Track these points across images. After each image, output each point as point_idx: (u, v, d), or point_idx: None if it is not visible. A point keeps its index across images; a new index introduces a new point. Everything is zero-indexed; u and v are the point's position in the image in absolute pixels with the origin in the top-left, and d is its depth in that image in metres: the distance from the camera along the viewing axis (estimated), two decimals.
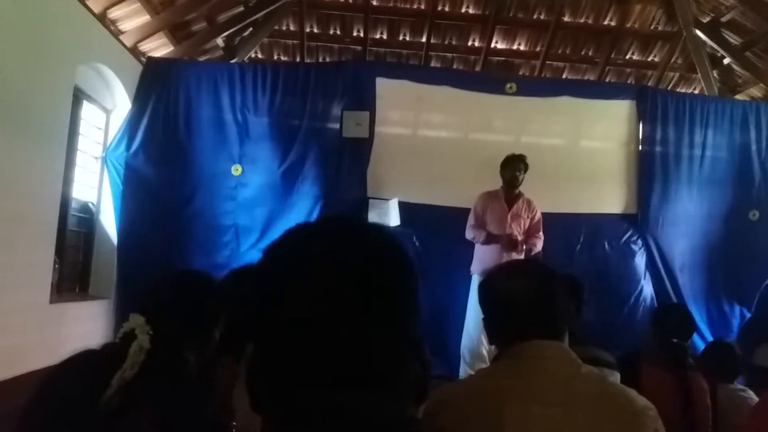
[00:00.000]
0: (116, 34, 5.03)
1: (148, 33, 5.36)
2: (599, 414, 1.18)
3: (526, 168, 4.69)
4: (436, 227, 5.03)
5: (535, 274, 1.39)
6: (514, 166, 4.69)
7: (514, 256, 4.55)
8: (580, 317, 2.23)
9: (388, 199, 5.21)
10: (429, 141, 5.62)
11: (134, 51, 5.31)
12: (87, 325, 4.49)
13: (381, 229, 0.74)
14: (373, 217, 5.15)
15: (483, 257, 4.63)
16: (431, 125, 5.75)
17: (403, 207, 5.14)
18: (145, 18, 5.25)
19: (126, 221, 4.98)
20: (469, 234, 4.75)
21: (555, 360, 1.26)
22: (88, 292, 4.90)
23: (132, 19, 5.19)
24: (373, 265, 0.68)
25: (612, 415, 1.19)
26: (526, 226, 4.73)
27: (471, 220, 4.79)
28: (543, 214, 4.94)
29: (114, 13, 4.96)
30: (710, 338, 4.70)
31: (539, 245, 4.72)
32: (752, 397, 2.73)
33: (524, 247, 4.62)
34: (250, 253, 4.96)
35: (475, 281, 4.66)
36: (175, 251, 4.94)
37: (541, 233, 4.75)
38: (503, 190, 4.79)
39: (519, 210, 4.72)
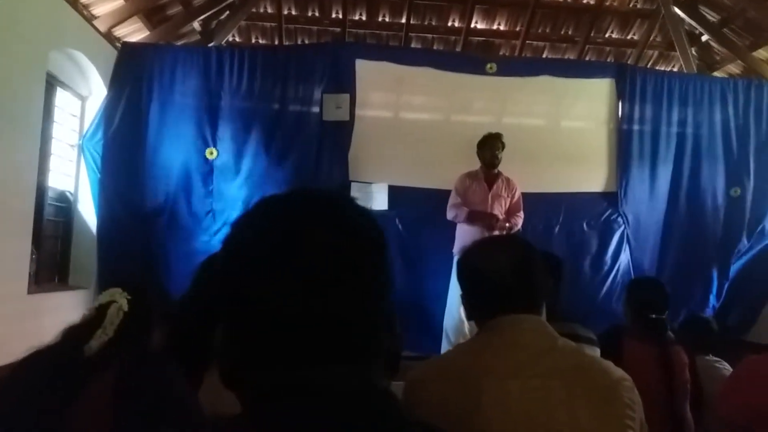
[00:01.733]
0: (89, 19, 4.93)
1: (122, 18, 5.26)
2: (576, 386, 1.19)
3: (503, 146, 4.70)
4: (419, 209, 5.03)
5: (511, 247, 1.38)
6: (492, 145, 4.69)
7: (493, 234, 4.56)
8: (559, 293, 2.25)
9: (370, 183, 5.19)
10: (410, 123, 5.60)
11: (108, 36, 5.22)
12: (67, 315, 4.34)
13: (350, 201, 0.73)
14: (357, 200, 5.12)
15: (464, 237, 4.64)
16: (412, 107, 5.72)
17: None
18: (118, 2, 5.14)
19: (105, 209, 4.92)
20: (450, 214, 4.75)
21: (532, 333, 1.26)
22: (68, 281, 4.84)
23: (105, 4, 5.08)
24: (344, 238, 0.67)
25: (588, 386, 1.20)
26: (507, 205, 4.75)
27: (452, 200, 4.78)
28: (524, 193, 4.95)
29: None
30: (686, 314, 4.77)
31: (520, 223, 4.75)
32: (727, 367, 2.79)
33: (507, 225, 4.63)
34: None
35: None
36: (155, 238, 4.91)
37: (521, 212, 4.76)
38: (482, 170, 4.79)
39: (499, 189, 4.74)
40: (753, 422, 1.35)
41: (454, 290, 4.63)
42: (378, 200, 5.13)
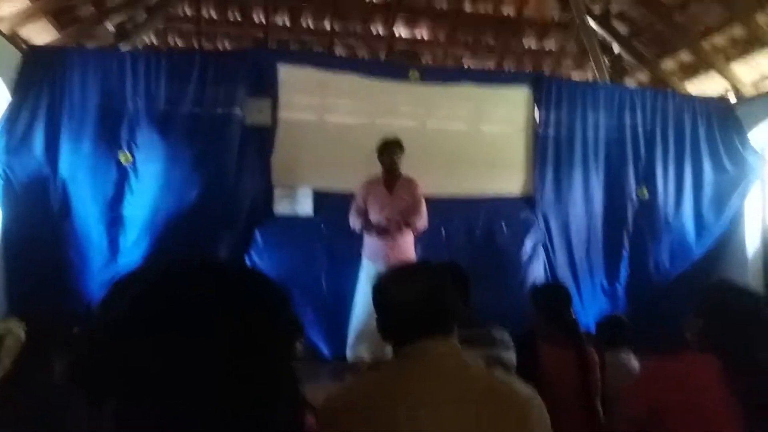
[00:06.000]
0: None
1: (28, 18, 4.98)
2: (488, 408, 1.26)
3: (402, 150, 4.75)
4: (345, 214, 5.02)
5: (424, 276, 1.46)
6: (391, 150, 4.73)
7: (398, 239, 4.63)
8: (468, 300, 2.33)
9: (294, 187, 5.15)
10: (335, 127, 5.58)
11: (13, 38, 4.91)
12: None
13: (253, 278, 0.71)
14: (281, 205, 5.10)
15: (369, 241, 4.72)
16: (337, 111, 5.70)
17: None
18: (23, 2, 4.87)
19: (10, 223, 4.64)
20: (350, 222, 4.80)
21: (444, 359, 1.33)
22: None
23: (8, 3, 4.80)
24: (243, 321, 0.64)
25: (500, 407, 1.28)
26: (409, 206, 4.81)
27: (352, 209, 4.82)
28: (447, 197, 5.02)
29: None
30: (602, 312, 4.98)
31: (419, 224, 4.75)
32: (634, 363, 2.98)
33: (402, 227, 4.65)
34: (138, 249, 4.83)
35: (365, 264, 4.75)
36: (64, 250, 4.71)
37: (420, 212, 4.75)
38: (383, 174, 4.84)
39: (400, 192, 4.80)
40: (648, 417, 1.64)
41: (360, 291, 4.69)
42: (303, 205, 5.11)
